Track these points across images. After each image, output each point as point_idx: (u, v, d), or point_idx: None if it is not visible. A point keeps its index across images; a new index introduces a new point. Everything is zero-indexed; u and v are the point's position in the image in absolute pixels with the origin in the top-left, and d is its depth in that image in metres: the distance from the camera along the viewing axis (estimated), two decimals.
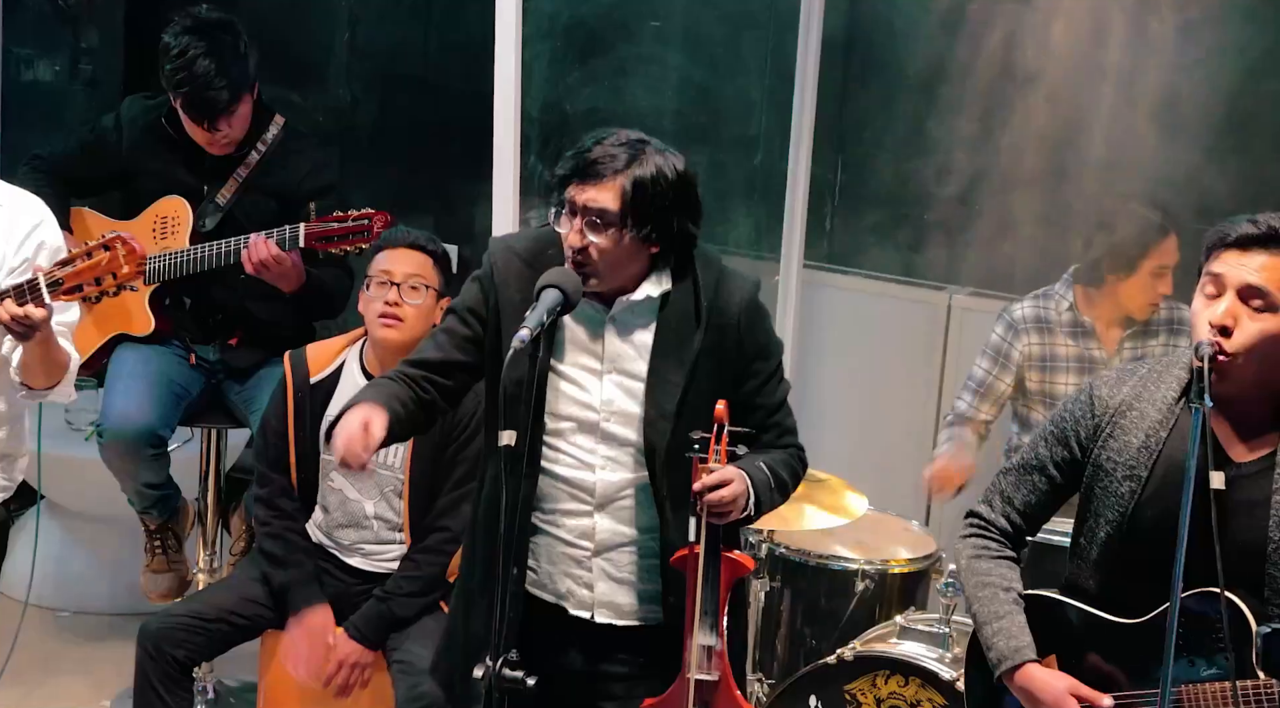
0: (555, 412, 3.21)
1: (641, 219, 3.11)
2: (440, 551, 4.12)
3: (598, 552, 3.25)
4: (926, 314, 5.32)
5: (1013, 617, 3.16)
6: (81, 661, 5.29)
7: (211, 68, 4.40)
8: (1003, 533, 3.26)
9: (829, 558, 4.40)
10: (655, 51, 5.57)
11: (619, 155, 3.11)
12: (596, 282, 3.15)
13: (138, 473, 4.58)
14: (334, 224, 4.38)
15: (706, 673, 3.18)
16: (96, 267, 3.40)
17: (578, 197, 3.11)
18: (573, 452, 3.22)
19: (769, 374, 3.30)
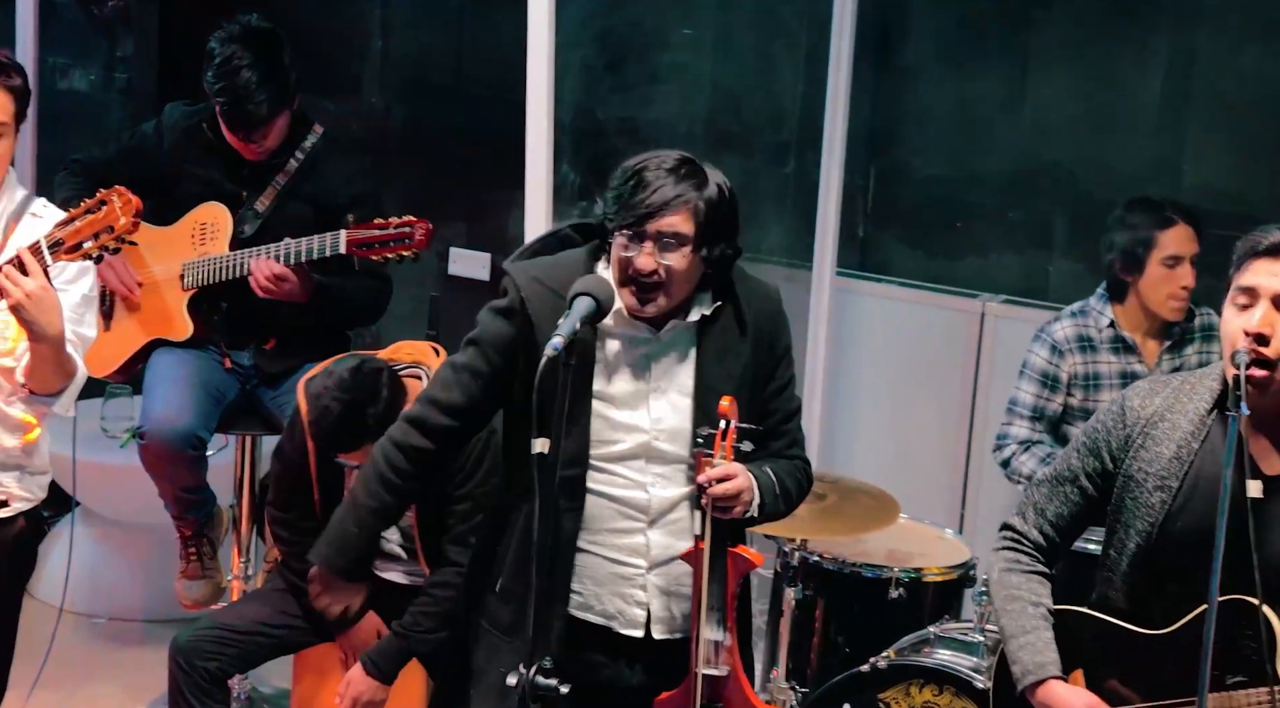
0: (605, 437, 3.21)
1: (711, 238, 3.14)
2: (452, 584, 4.10)
3: (652, 567, 3.25)
4: (960, 322, 5.31)
5: (1039, 632, 3.15)
6: (116, 667, 5.30)
7: (254, 80, 4.41)
8: (1035, 546, 3.25)
9: (862, 566, 4.39)
10: (687, 59, 5.58)
11: (684, 183, 3.13)
12: (664, 302, 3.15)
13: (176, 476, 4.59)
14: (375, 231, 4.38)
15: (715, 668, 3.18)
16: (95, 222, 3.37)
17: (651, 227, 3.11)
18: (625, 473, 3.22)
19: (787, 380, 3.33)
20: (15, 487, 3.69)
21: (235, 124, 4.48)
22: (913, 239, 5.48)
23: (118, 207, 3.36)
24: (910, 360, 5.40)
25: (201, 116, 4.64)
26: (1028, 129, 5.25)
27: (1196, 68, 5.09)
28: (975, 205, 5.36)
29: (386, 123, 6.01)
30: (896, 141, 5.48)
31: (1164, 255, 4.43)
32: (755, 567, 3.21)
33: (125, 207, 3.36)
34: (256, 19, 4.54)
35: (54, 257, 3.37)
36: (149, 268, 4.67)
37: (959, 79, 5.29)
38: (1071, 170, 5.20)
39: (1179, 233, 4.43)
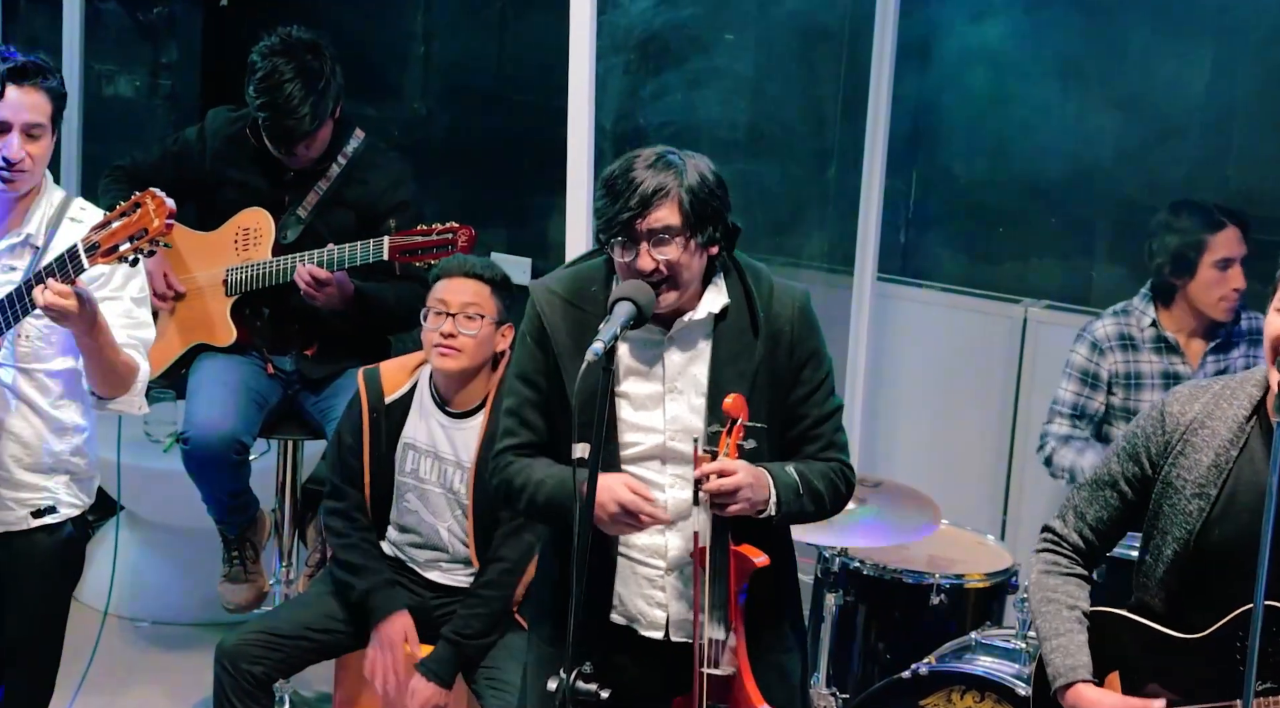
0: (622, 438, 3.22)
1: (701, 223, 3.14)
2: (501, 584, 4.14)
3: (670, 569, 3.25)
4: (1002, 327, 5.29)
5: (1073, 635, 3.14)
6: (160, 670, 5.33)
7: (296, 94, 4.42)
8: (1074, 549, 3.24)
9: (903, 572, 4.37)
10: (729, 64, 5.57)
11: (665, 175, 3.13)
12: (675, 294, 3.16)
13: (220, 480, 4.62)
14: (418, 237, 4.40)
15: (718, 668, 3.17)
16: (130, 226, 3.38)
17: (640, 226, 3.12)
18: (641, 473, 3.23)
19: (817, 384, 3.28)
20: (63, 493, 3.72)
21: (277, 138, 4.50)
22: (955, 244, 5.46)
23: (151, 209, 3.37)
24: (952, 365, 5.38)
25: (244, 122, 4.66)
26: (1070, 133, 5.22)
27: (1241, 71, 5.06)
28: (1017, 210, 5.34)
29: (428, 128, 6.03)
30: (938, 146, 5.47)
31: (1215, 258, 4.41)
32: (758, 566, 3.17)
33: (159, 209, 3.38)
34: (299, 30, 4.54)
35: (90, 260, 3.39)
36: (192, 273, 4.69)
37: (1001, 83, 5.27)
38: (1115, 175, 5.17)
39: (1229, 235, 4.42)
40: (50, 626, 3.81)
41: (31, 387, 3.62)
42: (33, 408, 3.63)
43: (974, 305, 5.35)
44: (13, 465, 3.63)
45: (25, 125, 3.52)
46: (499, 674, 4.07)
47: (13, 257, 3.60)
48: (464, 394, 4.18)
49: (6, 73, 3.50)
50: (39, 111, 3.53)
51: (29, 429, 3.63)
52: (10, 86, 3.50)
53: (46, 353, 3.60)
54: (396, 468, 4.22)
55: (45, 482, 3.68)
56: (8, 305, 3.45)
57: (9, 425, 3.60)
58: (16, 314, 3.45)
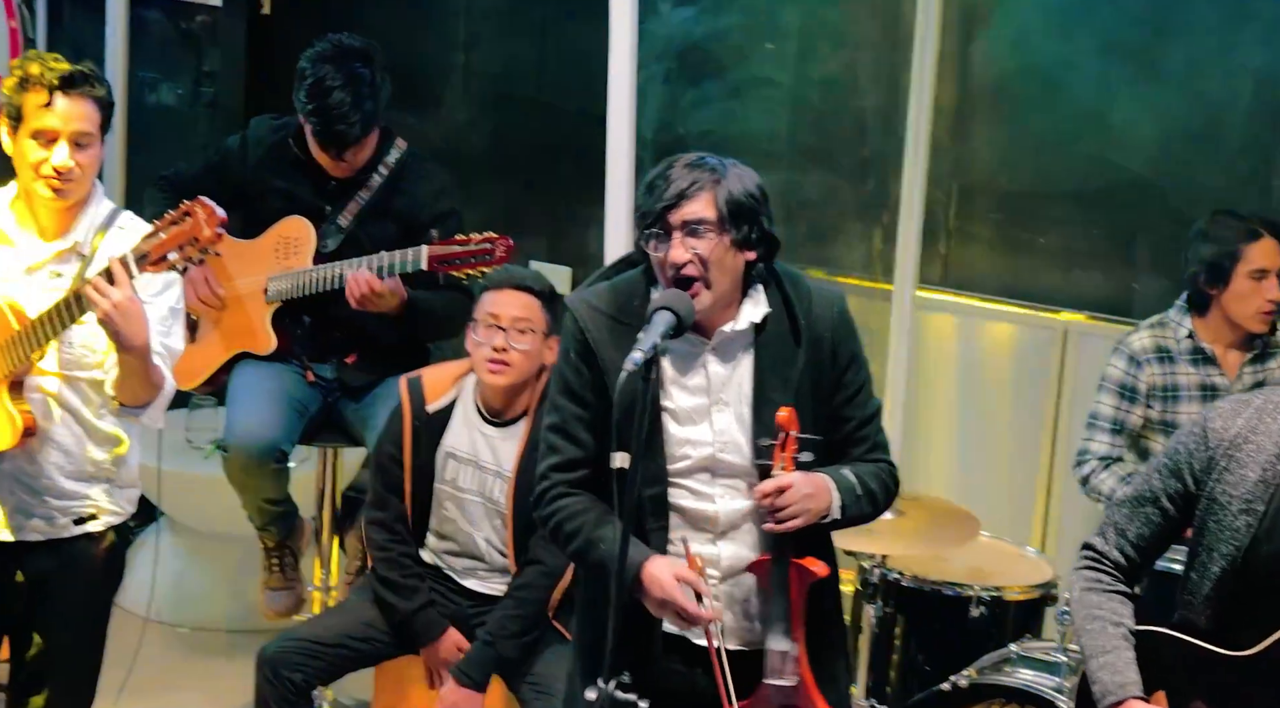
0: (669, 451, 3.22)
1: (737, 221, 3.14)
2: (537, 586, 4.15)
3: (724, 578, 3.25)
4: (1042, 338, 5.27)
5: (1119, 652, 3.12)
6: (201, 677, 5.35)
7: (346, 100, 4.44)
8: (1116, 566, 3.22)
9: (942, 584, 4.36)
10: (769, 73, 5.57)
11: (700, 171, 3.15)
12: (708, 295, 3.16)
13: (260, 488, 4.64)
14: (456, 247, 4.40)
15: (783, 678, 3.18)
16: (179, 235, 3.38)
17: (673, 218, 3.14)
18: (692, 486, 3.23)
19: (859, 386, 3.29)
20: (105, 501, 3.74)
21: (328, 143, 4.51)
22: (995, 254, 5.44)
23: (202, 218, 3.38)
24: (991, 376, 5.36)
25: (287, 131, 4.68)
26: (1112, 144, 5.20)
27: None
28: (1058, 221, 5.31)
29: (469, 137, 6.04)
30: (979, 156, 5.45)
31: (1251, 269, 4.39)
32: (820, 577, 3.20)
33: (209, 219, 3.38)
34: (348, 37, 4.56)
35: (140, 269, 3.40)
36: (233, 281, 4.71)
37: (1042, 93, 5.25)
38: (1157, 185, 5.15)
39: (1265, 246, 4.40)
40: (93, 632, 3.82)
41: (74, 394, 3.64)
42: (75, 416, 3.65)
43: (1014, 316, 5.33)
44: (55, 473, 3.65)
45: (74, 134, 3.53)
46: (544, 682, 4.08)
47: (60, 263, 3.62)
48: (509, 405, 4.19)
49: (55, 82, 3.51)
50: (87, 121, 3.54)
51: (71, 437, 3.65)
52: (58, 95, 3.51)
53: (88, 360, 3.62)
54: (436, 476, 4.23)
55: (87, 490, 3.70)
56: (59, 311, 3.47)
57: (52, 433, 3.62)
58: (65, 321, 3.47)
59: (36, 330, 3.49)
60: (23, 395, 3.56)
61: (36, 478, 3.64)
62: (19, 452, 3.59)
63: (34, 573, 3.70)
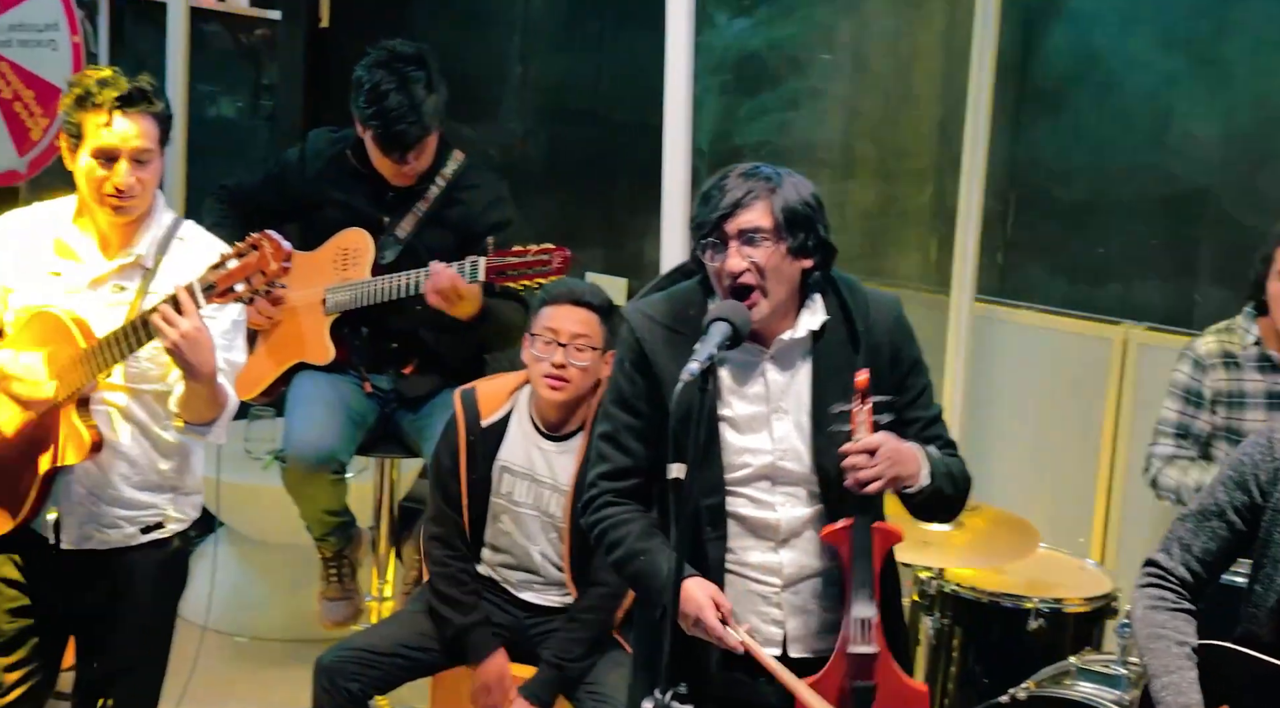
0: (727, 461, 3.22)
1: (793, 229, 3.15)
2: (600, 608, 4.15)
3: (786, 586, 3.25)
4: (1102, 349, 5.23)
5: (1183, 673, 3.10)
6: (258, 686, 5.38)
7: (404, 102, 4.46)
8: (1181, 582, 3.19)
9: (1001, 596, 4.33)
10: (826, 84, 5.56)
11: (755, 181, 3.16)
12: (765, 304, 3.16)
13: (317, 498, 4.66)
14: (513, 258, 4.40)
15: (865, 646, 3.16)
16: (247, 267, 3.40)
17: (730, 227, 3.14)
18: (752, 494, 3.23)
19: (921, 389, 3.31)
20: (170, 509, 3.77)
21: (389, 146, 4.53)
22: (1054, 264, 5.41)
23: (269, 252, 3.39)
24: (1051, 387, 5.33)
25: (345, 143, 4.70)
26: (1173, 153, 5.16)
27: None
28: (1118, 230, 5.27)
29: (525, 148, 6.06)
30: (1037, 166, 5.42)
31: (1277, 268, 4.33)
32: (899, 541, 3.19)
33: (276, 253, 3.40)
34: (401, 43, 4.59)
35: (207, 299, 3.43)
36: (291, 293, 4.73)
37: (1101, 102, 5.22)
38: (1219, 195, 5.10)
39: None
40: (157, 639, 3.86)
41: (139, 407, 3.67)
42: (142, 429, 3.68)
43: (1073, 327, 5.30)
44: (121, 484, 3.69)
45: (134, 152, 3.55)
46: (602, 690, 4.08)
47: (123, 277, 3.65)
48: (566, 419, 4.19)
49: (114, 101, 3.53)
50: (147, 137, 3.56)
51: (137, 449, 3.69)
52: (117, 114, 3.53)
53: (153, 373, 3.65)
54: (492, 490, 4.23)
55: (154, 499, 3.74)
56: (126, 334, 3.49)
57: (119, 445, 3.66)
58: (132, 344, 3.49)
59: (103, 352, 3.51)
60: (89, 411, 3.59)
61: (104, 489, 3.68)
62: (88, 463, 3.63)
63: (101, 581, 3.73)
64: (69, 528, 3.68)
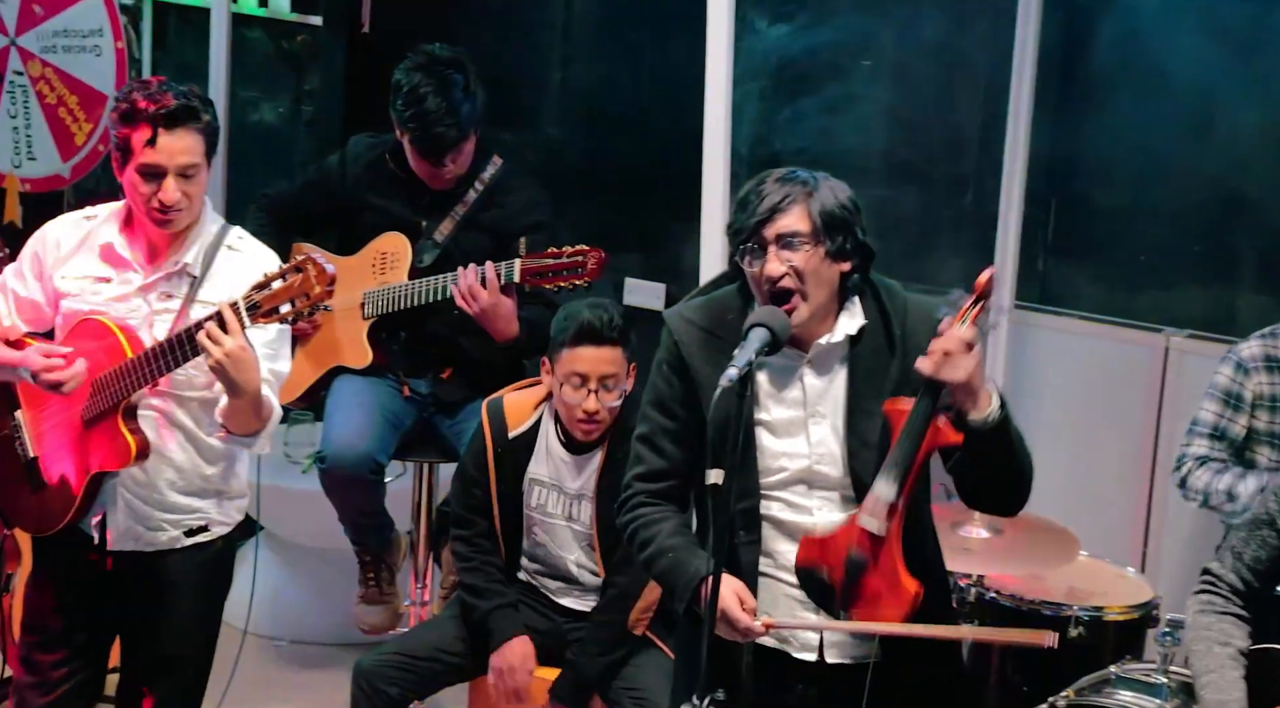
0: (763, 465, 3.22)
1: (831, 232, 3.14)
2: (614, 608, 4.17)
3: None
4: (1142, 357, 5.20)
5: (1224, 672, 3.10)
6: (297, 688, 5.40)
7: (442, 105, 4.48)
8: (1232, 589, 3.18)
9: (1040, 603, 4.31)
10: (865, 90, 5.55)
11: (792, 185, 3.16)
12: (805, 308, 3.15)
13: (356, 501, 4.67)
14: (549, 260, 4.42)
15: (872, 521, 3.08)
16: (291, 289, 3.41)
17: (768, 232, 3.14)
18: (789, 498, 3.23)
19: None
20: (215, 512, 3.80)
21: (427, 149, 4.55)
22: (1094, 271, 5.38)
23: (313, 276, 3.40)
24: (1091, 394, 5.31)
25: (384, 148, 4.72)
26: (1215, 160, 5.13)
27: None
28: (1160, 237, 5.25)
29: (564, 153, 6.06)
30: (1078, 172, 5.40)
31: None
32: (953, 443, 3.08)
33: (320, 276, 3.41)
34: (440, 47, 4.61)
35: (252, 319, 3.44)
36: None
37: (1142, 108, 5.20)
38: (1262, 202, 5.07)
39: None
40: (201, 639, 3.88)
41: (185, 414, 3.70)
42: (187, 434, 3.71)
43: (1114, 334, 5.27)
44: (166, 488, 3.71)
45: (180, 168, 3.56)
46: (644, 694, 4.09)
47: (170, 285, 3.68)
48: None
49: (161, 118, 3.53)
50: (193, 153, 3.57)
51: (182, 454, 3.71)
52: (163, 132, 3.53)
53: (199, 381, 3.67)
54: (524, 501, 4.24)
55: (198, 503, 3.77)
56: (171, 348, 3.51)
57: (164, 451, 3.68)
58: (177, 358, 3.51)
59: (148, 364, 3.53)
60: (136, 419, 3.61)
61: (150, 493, 3.70)
62: (134, 468, 3.65)
63: (146, 584, 3.76)
64: (114, 530, 3.71)
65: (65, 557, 3.79)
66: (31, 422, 3.76)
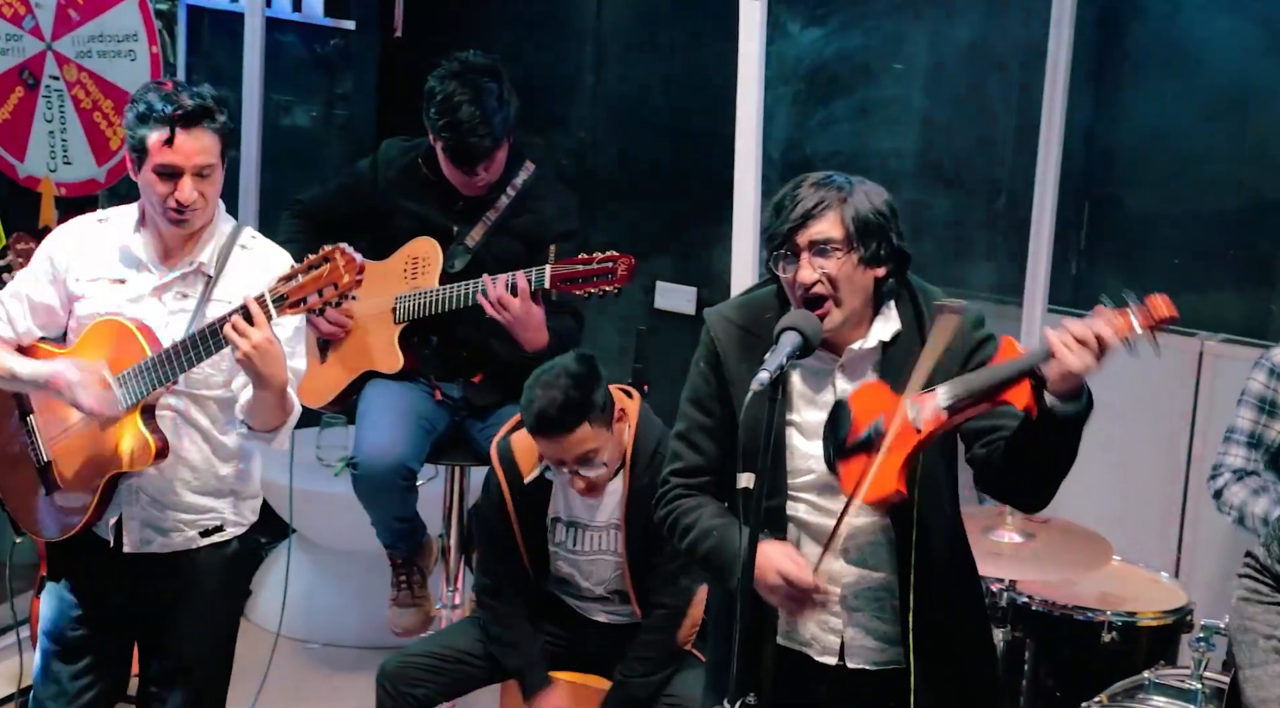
0: (792, 465, 3.22)
1: (865, 239, 3.13)
2: (663, 628, 4.17)
3: (845, 594, 3.24)
4: (1176, 361, 5.18)
5: (1268, 666, 3.10)
6: (330, 691, 5.41)
7: (476, 114, 4.48)
8: (1276, 578, 3.17)
9: (1073, 608, 4.30)
10: (898, 93, 5.54)
11: (827, 190, 3.15)
12: (837, 314, 3.14)
13: (388, 506, 4.68)
14: (579, 266, 4.43)
15: (913, 411, 3.03)
16: (319, 279, 3.41)
17: (801, 238, 3.13)
18: (815, 500, 3.23)
19: None
20: (229, 512, 3.80)
21: (460, 158, 4.56)
22: (1127, 275, 5.36)
23: (341, 265, 3.41)
24: (1125, 399, 5.28)
25: (417, 152, 4.73)
26: (1249, 163, 5.10)
27: None
28: (1194, 240, 5.23)
29: (597, 157, 6.07)
30: (1111, 175, 5.38)
31: None
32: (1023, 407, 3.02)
33: (348, 265, 3.41)
34: (474, 54, 4.61)
35: (279, 311, 3.45)
36: (362, 302, 4.75)
37: (1177, 111, 5.18)
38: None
39: None
40: (221, 641, 3.89)
41: (201, 413, 3.71)
42: (203, 434, 3.71)
43: None
44: (181, 488, 3.72)
45: (196, 168, 3.57)
46: (680, 702, 4.09)
47: (185, 285, 3.69)
48: None
49: (177, 118, 3.54)
50: (209, 153, 3.58)
51: (197, 454, 3.72)
52: (180, 132, 3.54)
53: (215, 380, 3.68)
54: (548, 539, 4.25)
55: (214, 503, 3.77)
56: (195, 344, 3.52)
57: (180, 451, 3.69)
58: (200, 354, 3.52)
59: (170, 361, 3.54)
60: (154, 418, 3.62)
61: (165, 493, 3.71)
62: (150, 469, 3.66)
63: (163, 585, 3.77)
64: (130, 532, 3.72)
65: (81, 562, 3.79)
66: (44, 426, 3.77)
